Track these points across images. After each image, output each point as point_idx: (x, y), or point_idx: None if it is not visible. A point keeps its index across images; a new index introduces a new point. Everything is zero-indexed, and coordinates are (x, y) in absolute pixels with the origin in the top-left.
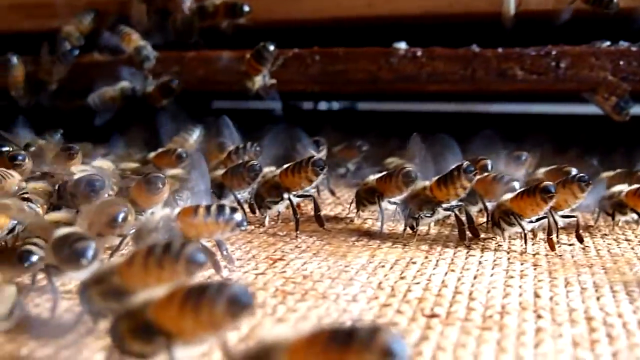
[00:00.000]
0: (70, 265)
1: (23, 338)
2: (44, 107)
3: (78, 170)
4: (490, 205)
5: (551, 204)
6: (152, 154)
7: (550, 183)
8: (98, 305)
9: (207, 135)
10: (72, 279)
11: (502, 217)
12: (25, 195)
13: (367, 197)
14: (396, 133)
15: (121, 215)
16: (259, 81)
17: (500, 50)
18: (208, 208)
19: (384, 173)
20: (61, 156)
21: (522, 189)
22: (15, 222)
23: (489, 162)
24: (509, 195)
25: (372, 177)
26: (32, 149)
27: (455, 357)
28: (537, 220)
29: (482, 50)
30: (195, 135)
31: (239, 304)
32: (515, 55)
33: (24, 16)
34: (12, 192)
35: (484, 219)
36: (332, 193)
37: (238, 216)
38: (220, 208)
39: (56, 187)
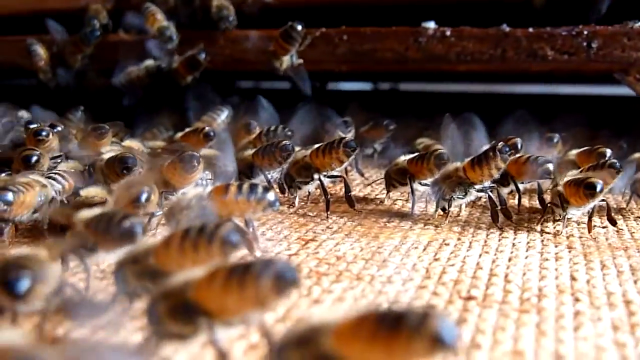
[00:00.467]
0: (121, 243)
1: (59, 318)
2: (70, 88)
3: (107, 150)
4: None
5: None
6: (179, 134)
7: (597, 180)
8: (133, 285)
9: (235, 115)
10: (104, 259)
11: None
12: (53, 174)
13: (397, 178)
14: (424, 113)
15: (144, 196)
16: (286, 61)
17: (530, 29)
18: (240, 187)
19: (416, 155)
20: (91, 136)
21: (571, 179)
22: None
23: (519, 141)
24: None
25: (403, 158)
26: (58, 129)
27: (494, 340)
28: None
29: (512, 30)
30: (223, 116)
31: (285, 279)
32: (546, 35)
33: None
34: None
35: (515, 201)
36: (361, 174)
37: (270, 195)
38: (253, 187)
39: (87, 166)
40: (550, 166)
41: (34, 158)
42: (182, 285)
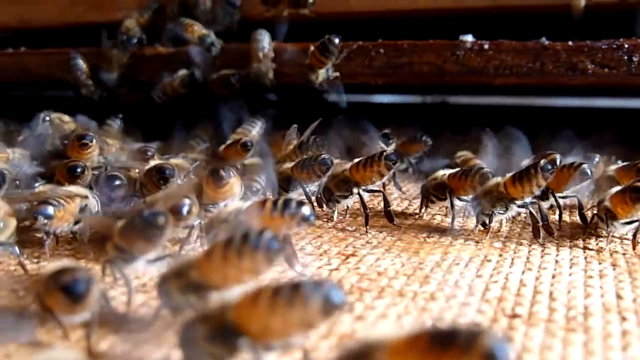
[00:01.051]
0: (149, 236)
1: (101, 332)
2: (109, 100)
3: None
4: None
5: None
6: (221, 147)
7: None
8: (177, 300)
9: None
10: (141, 271)
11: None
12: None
13: (436, 192)
14: (461, 126)
15: (185, 208)
16: (322, 74)
17: (570, 43)
18: (275, 202)
19: (457, 170)
20: (137, 157)
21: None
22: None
23: (558, 157)
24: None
25: (442, 173)
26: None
27: (542, 359)
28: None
29: (551, 43)
30: (257, 127)
31: (334, 301)
32: (586, 48)
33: (89, 8)
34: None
35: (556, 216)
36: (399, 188)
37: (305, 210)
38: (287, 202)
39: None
40: (587, 167)
41: (79, 169)
42: (221, 307)
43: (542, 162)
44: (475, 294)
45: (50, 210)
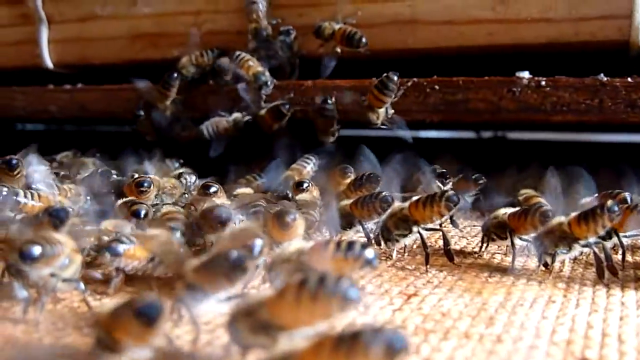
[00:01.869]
0: (232, 277)
1: None
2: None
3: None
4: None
5: None
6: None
7: None
8: (246, 338)
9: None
10: (214, 311)
11: None
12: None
13: (496, 231)
14: (519, 162)
15: (257, 248)
16: (382, 113)
17: (629, 79)
18: (339, 244)
19: (518, 209)
20: (201, 194)
21: None
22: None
23: (627, 195)
24: None
25: (503, 212)
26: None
27: None
28: None
29: (609, 80)
30: (312, 164)
31: (396, 348)
32: None
33: (148, 45)
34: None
35: (619, 256)
36: (457, 226)
37: (369, 253)
38: (351, 244)
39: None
40: None
41: (143, 212)
42: (285, 356)
43: (610, 202)
44: (542, 336)
45: (120, 248)
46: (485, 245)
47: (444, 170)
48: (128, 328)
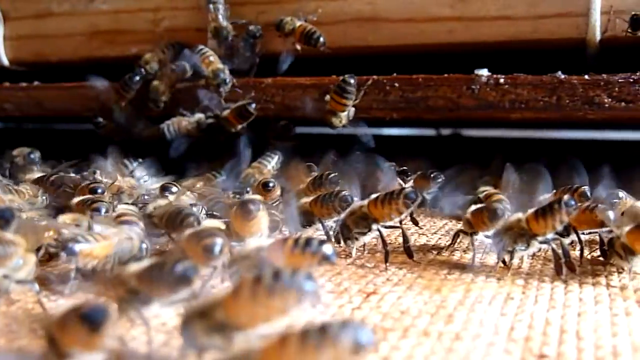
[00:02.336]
0: (177, 288)
1: None
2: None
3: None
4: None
5: None
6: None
7: None
8: (201, 340)
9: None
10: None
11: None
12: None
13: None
14: (477, 159)
15: (217, 247)
16: (344, 116)
17: (587, 77)
18: (297, 240)
19: (477, 207)
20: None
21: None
22: None
23: (587, 189)
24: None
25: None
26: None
27: None
28: None
29: (567, 77)
30: (273, 162)
31: (363, 342)
32: (602, 82)
33: (105, 43)
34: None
35: (577, 252)
36: (416, 223)
37: (327, 249)
38: (308, 241)
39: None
40: (611, 214)
41: (103, 209)
42: (248, 353)
43: (566, 197)
44: (500, 333)
45: (76, 247)
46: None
47: (405, 167)
48: (74, 334)
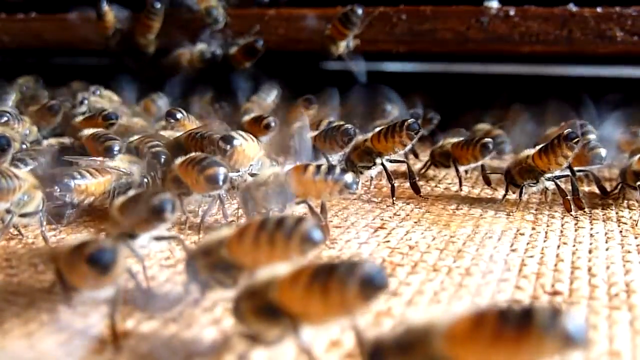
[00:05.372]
0: (153, 222)
1: (128, 309)
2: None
3: None
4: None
5: None
6: (245, 118)
7: None
8: (205, 277)
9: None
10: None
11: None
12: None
13: (441, 160)
14: (479, 96)
15: (221, 177)
16: (343, 46)
17: (599, 9)
18: (318, 167)
19: (461, 139)
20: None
21: None
22: None
23: (589, 127)
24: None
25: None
26: None
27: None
28: None
29: (579, 10)
30: (273, 95)
31: (373, 285)
32: (615, 15)
33: None
34: None
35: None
36: (416, 156)
37: (349, 177)
38: (331, 168)
39: None
40: (602, 151)
41: (117, 147)
42: (265, 285)
43: (566, 132)
44: (511, 269)
45: (71, 183)
46: (425, 169)
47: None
48: (82, 275)
